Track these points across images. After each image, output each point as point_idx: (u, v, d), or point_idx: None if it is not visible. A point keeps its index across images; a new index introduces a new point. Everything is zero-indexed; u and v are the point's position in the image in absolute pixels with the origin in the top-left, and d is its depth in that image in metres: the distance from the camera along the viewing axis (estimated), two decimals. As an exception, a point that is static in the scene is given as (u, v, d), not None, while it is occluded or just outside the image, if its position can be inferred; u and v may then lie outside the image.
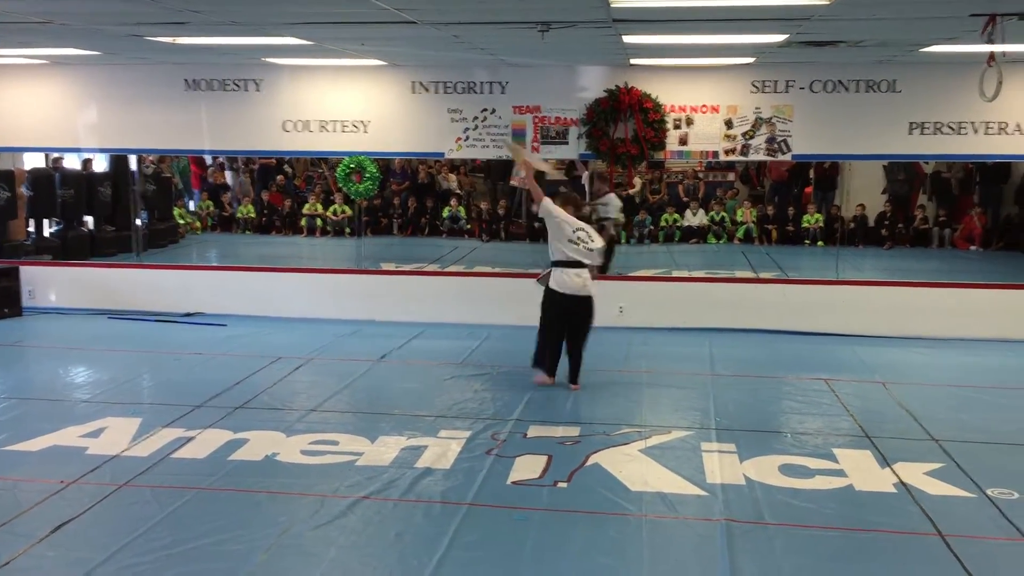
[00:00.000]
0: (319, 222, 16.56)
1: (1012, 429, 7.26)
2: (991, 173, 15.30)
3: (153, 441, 6.77)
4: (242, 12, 6.68)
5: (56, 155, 13.63)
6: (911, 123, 10.35)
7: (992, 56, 6.67)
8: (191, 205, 17.45)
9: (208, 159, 17.74)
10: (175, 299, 11.41)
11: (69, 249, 13.03)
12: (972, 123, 10.26)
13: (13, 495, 5.77)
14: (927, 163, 15.24)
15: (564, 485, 6.07)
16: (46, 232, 13.47)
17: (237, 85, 11.18)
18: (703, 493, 5.93)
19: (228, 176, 17.92)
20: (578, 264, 8.02)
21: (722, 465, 6.41)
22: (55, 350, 9.80)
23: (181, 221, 16.22)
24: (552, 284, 8.05)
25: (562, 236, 7.97)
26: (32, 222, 13.37)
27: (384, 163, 15.87)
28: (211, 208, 17.38)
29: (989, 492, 5.93)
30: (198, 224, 17.01)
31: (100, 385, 8.44)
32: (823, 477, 6.21)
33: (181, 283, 11.63)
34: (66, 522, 5.37)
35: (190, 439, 6.83)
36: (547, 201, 7.99)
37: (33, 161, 13.60)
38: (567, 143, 10.87)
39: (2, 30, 7.79)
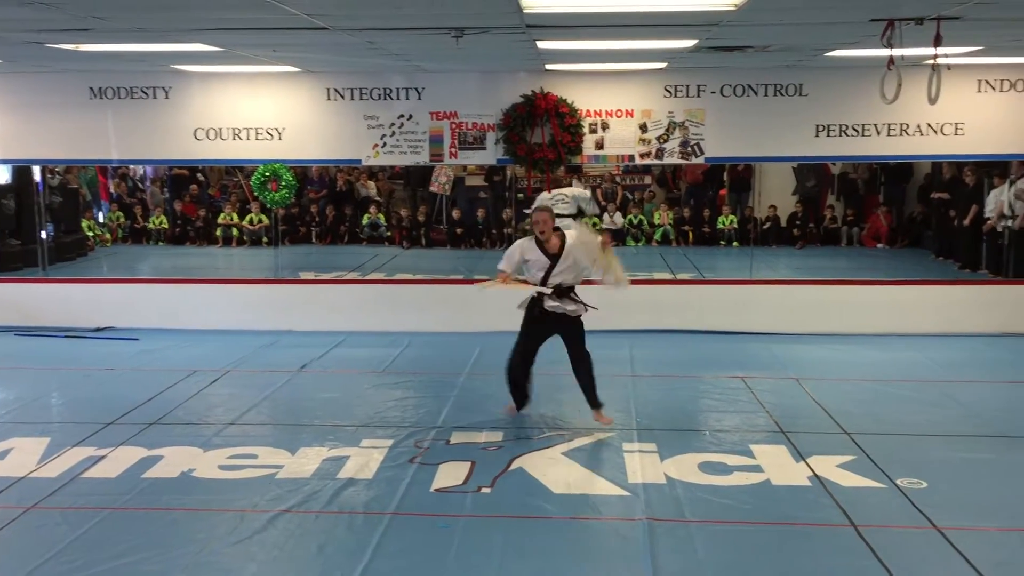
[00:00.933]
0: (235, 232, 16.24)
1: (920, 420, 7.53)
2: (895, 173, 15.84)
3: (62, 461, 6.55)
4: (148, 18, 6.51)
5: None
6: (818, 126, 10.65)
7: (892, 60, 6.90)
8: (100, 217, 16.92)
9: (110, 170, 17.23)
10: (85, 313, 11.05)
11: (-29, 264, 12.51)
12: (875, 125, 10.61)
13: (-88, 523, 5.52)
14: (835, 164, 15.70)
15: (488, 491, 6.08)
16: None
17: (145, 93, 10.90)
18: (625, 493, 6.00)
19: (125, 187, 17.35)
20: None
21: (643, 465, 6.49)
22: (-44, 370, 9.41)
23: (90, 233, 15.72)
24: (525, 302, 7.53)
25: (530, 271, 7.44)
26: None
27: (301, 171, 15.67)
28: (121, 219, 16.89)
29: (899, 482, 6.13)
30: (108, 236, 16.50)
31: (5, 404, 8.12)
32: (741, 473, 6.34)
33: (91, 297, 11.26)
34: (-30, 549, 5.16)
35: (102, 458, 6.63)
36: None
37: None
38: (484, 148, 10.89)
39: None
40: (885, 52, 6.82)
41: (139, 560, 5.03)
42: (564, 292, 7.34)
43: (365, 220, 16.36)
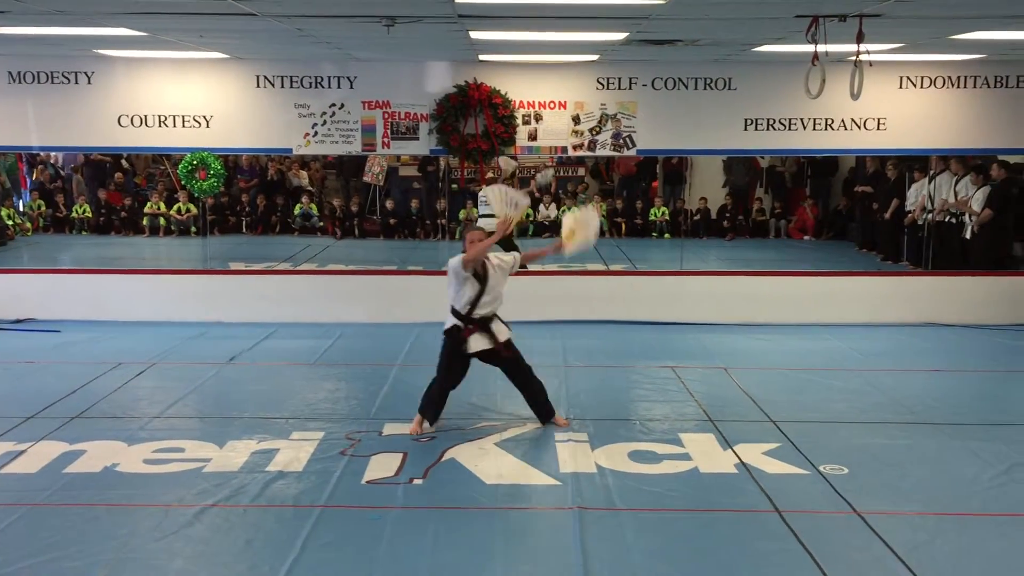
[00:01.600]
0: (162, 221, 15.90)
1: (843, 408, 7.72)
2: (820, 167, 16.23)
3: (-22, 457, 6.35)
4: (68, 1, 6.32)
5: None
6: (746, 119, 10.84)
7: (816, 56, 7.05)
8: (20, 205, 16.40)
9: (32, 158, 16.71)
10: (3, 305, 10.69)
11: None
12: (801, 119, 10.83)
13: None
14: (763, 157, 16.00)
15: (420, 482, 6.06)
16: None
17: (67, 78, 10.58)
18: (556, 483, 6.04)
19: (47, 174, 16.86)
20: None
21: (575, 454, 6.54)
22: None
23: (10, 222, 15.23)
24: (486, 345, 7.06)
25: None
26: None
27: (232, 160, 15.40)
28: (43, 208, 16.39)
29: (822, 468, 6.28)
30: (29, 225, 16.00)
31: (-82, 400, 7.84)
32: (670, 461, 6.43)
33: (9, 287, 10.89)
34: None
35: (20, 452, 6.44)
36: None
37: None
38: (417, 139, 10.84)
39: None
40: (810, 48, 6.97)
41: (59, 557, 4.90)
42: (487, 323, 7.01)
43: (297, 210, 16.17)
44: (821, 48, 6.91)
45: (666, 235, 15.76)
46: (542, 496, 5.85)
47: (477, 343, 6.97)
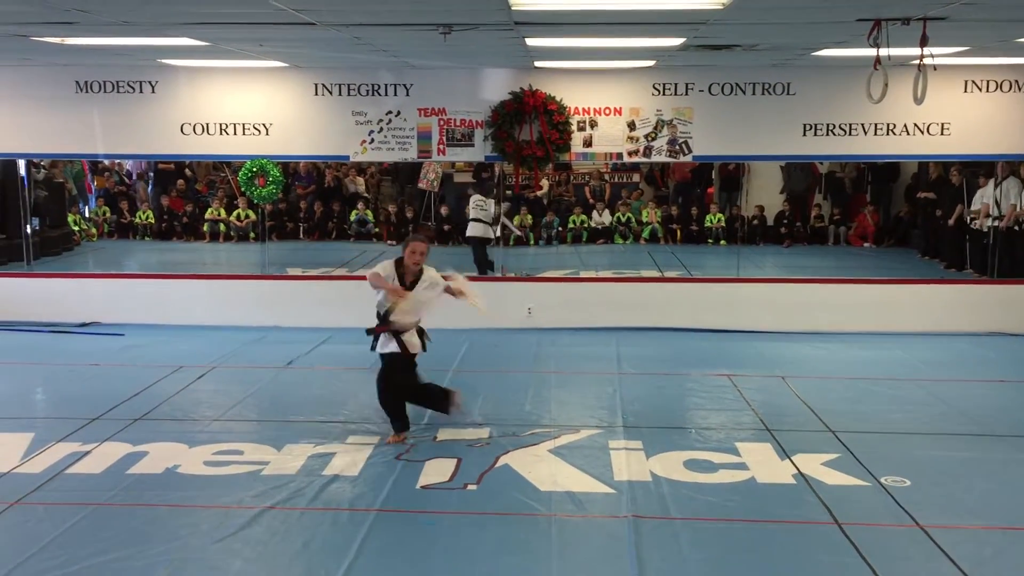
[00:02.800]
0: (222, 227, 16.18)
1: (904, 419, 7.56)
2: (881, 173, 15.91)
3: (46, 456, 6.51)
4: (133, 12, 6.47)
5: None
6: (805, 125, 10.68)
7: (878, 60, 6.92)
8: (86, 211, 16.83)
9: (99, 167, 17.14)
10: (70, 308, 11.00)
11: (-45, 258, 12.42)
12: (862, 125, 10.64)
13: None
14: (822, 163, 15.75)
15: (474, 488, 6.07)
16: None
17: (131, 87, 10.84)
18: (611, 491, 6.01)
19: (112, 181, 17.29)
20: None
21: (629, 462, 6.50)
22: (-61, 365, 9.34)
23: (76, 228, 15.63)
24: (394, 348, 6.99)
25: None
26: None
27: (291, 167, 15.62)
28: (108, 214, 16.80)
29: (883, 480, 6.16)
30: (94, 231, 16.41)
31: (-11, 400, 8.08)
32: (726, 471, 6.36)
33: (76, 292, 11.21)
34: (-49, 545, 5.13)
35: (86, 453, 6.60)
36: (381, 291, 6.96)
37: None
38: (473, 145, 10.88)
39: None
40: (872, 52, 6.84)
41: (122, 557, 5.01)
42: (400, 333, 7.04)
43: (353, 216, 16.32)
44: (884, 52, 6.78)
45: (722, 242, 15.60)
46: (596, 504, 5.82)
47: (384, 345, 7.00)
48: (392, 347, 6.99)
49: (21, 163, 12.01)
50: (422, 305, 6.99)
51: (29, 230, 12.14)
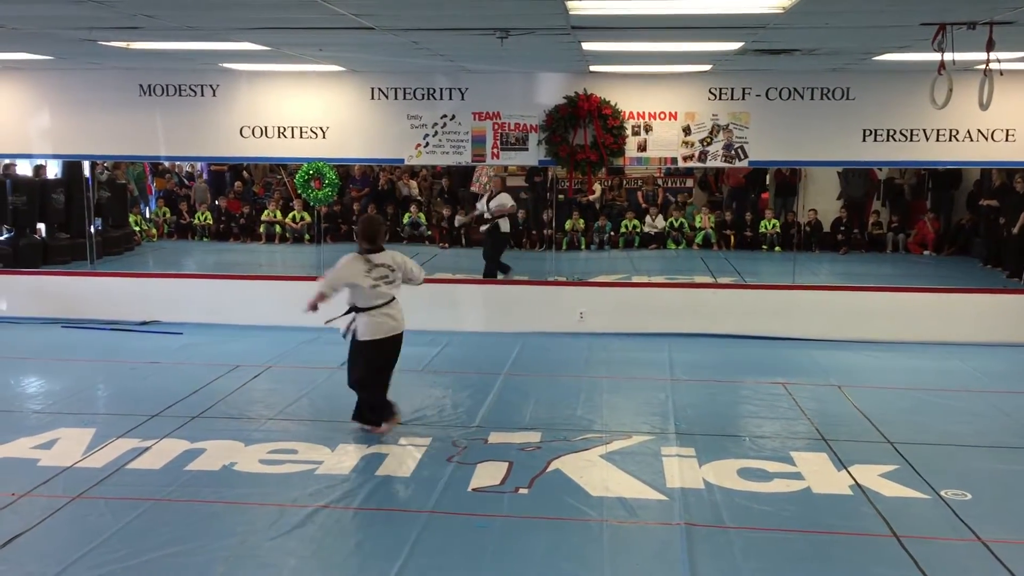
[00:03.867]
0: (278, 229, 16.41)
1: (964, 431, 7.39)
2: (943, 179, 15.59)
3: (107, 452, 6.66)
4: (197, 17, 6.60)
5: (8, 161, 13.36)
6: (864, 130, 10.51)
7: (942, 64, 6.79)
8: (147, 212, 17.19)
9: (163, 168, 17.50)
10: (131, 307, 11.24)
11: (21, 257, 12.76)
12: (924, 130, 10.44)
13: (-38, 509, 5.65)
14: (880, 169, 15.49)
15: (525, 491, 6.08)
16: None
17: (193, 90, 11.05)
18: (663, 497, 5.97)
19: (173, 183, 17.64)
20: (386, 303, 7.11)
21: (682, 469, 6.45)
22: (6, 360, 9.58)
23: (137, 228, 15.98)
24: (364, 335, 7.05)
25: (362, 293, 7.05)
26: (-19, 230, 13.09)
27: (344, 169, 15.78)
28: (168, 215, 17.15)
29: (943, 493, 6.03)
30: (154, 231, 16.76)
31: (53, 395, 8.29)
32: (781, 480, 6.28)
33: (137, 291, 11.46)
34: (17, 536, 5.27)
35: (146, 449, 6.74)
36: (326, 282, 7.11)
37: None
38: (527, 149, 10.89)
39: (-50, 34, 7.64)
40: (936, 56, 6.71)
41: (181, 552, 5.10)
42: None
43: (406, 219, 16.44)
44: (948, 56, 6.65)
45: (777, 248, 15.41)
46: (649, 511, 5.78)
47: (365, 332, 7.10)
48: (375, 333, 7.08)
49: (86, 164, 12.33)
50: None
51: (92, 230, 12.44)
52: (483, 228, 12.69)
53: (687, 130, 10.70)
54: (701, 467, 6.50)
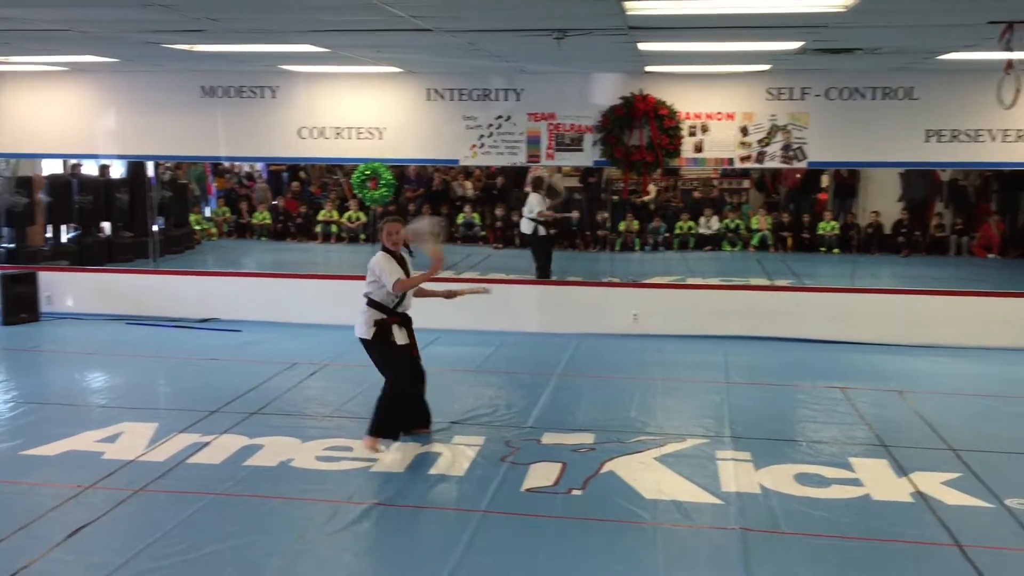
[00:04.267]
0: (334, 228, 16.61)
1: (1030, 439, 7.21)
2: (1009, 181, 15.20)
3: (169, 446, 6.81)
4: (259, 20, 6.71)
5: (75, 161, 13.72)
6: (928, 130, 10.29)
7: (1010, 63, 6.62)
8: (207, 211, 17.53)
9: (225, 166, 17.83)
10: (191, 305, 11.47)
11: (86, 255, 13.11)
12: (989, 131, 10.20)
13: (31, 499, 5.81)
14: (943, 170, 15.15)
15: (579, 493, 6.06)
16: (63, 238, 13.55)
17: (253, 92, 11.24)
18: (718, 501, 5.91)
19: (233, 183, 17.96)
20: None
21: (737, 473, 6.39)
22: (72, 355, 9.84)
23: (197, 227, 16.30)
24: (400, 338, 6.92)
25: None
26: (50, 228, 13.45)
27: (399, 170, 15.91)
28: (227, 214, 17.46)
29: (1007, 502, 5.89)
30: (214, 230, 17.08)
31: (117, 390, 8.48)
32: (839, 486, 6.18)
33: (197, 289, 11.68)
34: (83, 527, 5.41)
35: (205, 444, 6.86)
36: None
37: (51, 167, 13.69)
38: (582, 150, 10.87)
39: (23, 37, 7.86)
40: (1003, 55, 6.55)
41: (239, 546, 5.19)
42: (409, 321, 7.04)
43: (460, 219, 16.52)
44: (1016, 55, 6.48)
45: (835, 250, 15.16)
46: (704, 514, 5.73)
47: (400, 336, 6.89)
48: (404, 339, 6.93)
49: (149, 165, 12.61)
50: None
51: (156, 229, 12.72)
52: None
53: (744, 131, 10.58)
54: (757, 471, 6.42)
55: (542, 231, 12.42)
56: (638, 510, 5.77)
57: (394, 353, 6.89)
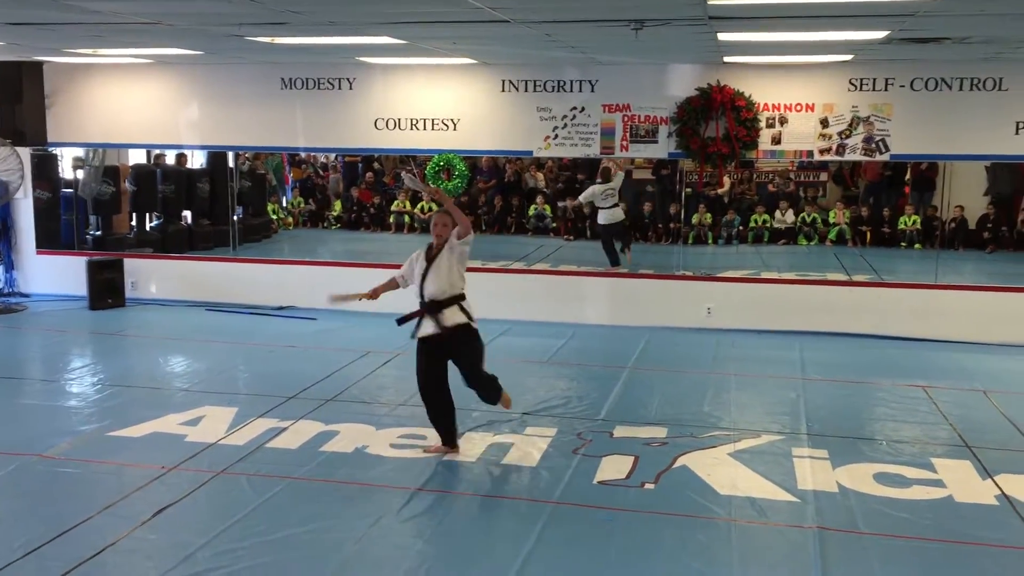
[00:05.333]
0: (407, 219, 16.76)
1: (1124, 443, 6.93)
2: (1103, 175, 14.61)
3: (248, 430, 6.97)
4: (340, 12, 6.80)
5: (158, 152, 14.09)
6: (1018, 123, 9.93)
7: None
8: (284, 201, 17.85)
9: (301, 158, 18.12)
10: (268, 293, 11.71)
11: (168, 243, 13.46)
12: (1085, 123, 9.82)
13: (117, 479, 6.01)
14: (1033, 164, 14.62)
15: (651, 486, 6.03)
16: (147, 226, 13.95)
17: (331, 84, 11.39)
18: (794, 499, 5.82)
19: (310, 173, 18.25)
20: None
21: (814, 471, 6.28)
22: (156, 340, 10.14)
23: (274, 216, 16.61)
24: (431, 330, 6.62)
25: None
26: (134, 216, 13.86)
27: (471, 161, 15.98)
28: (303, 205, 17.75)
29: (1100, 508, 5.68)
30: (290, 220, 17.39)
31: (198, 375, 8.72)
32: (920, 487, 6.03)
33: (274, 277, 11.93)
34: (167, 506, 5.57)
35: (283, 429, 7.00)
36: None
37: (136, 157, 14.09)
38: (656, 142, 10.77)
39: (112, 30, 8.10)
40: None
41: (316, 529, 5.28)
42: (438, 307, 6.53)
43: (532, 211, 16.51)
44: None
45: (916, 245, 14.75)
46: (779, 512, 5.65)
47: (425, 327, 6.58)
48: (430, 328, 6.55)
49: (230, 155, 12.89)
50: (451, 270, 6.59)
51: (235, 218, 13.00)
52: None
53: (824, 122, 10.36)
54: (835, 470, 6.31)
55: (602, 219, 12.65)
56: (712, 506, 5.71)
57: (417, 355, 6.69)
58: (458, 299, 6.59)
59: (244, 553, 4.95)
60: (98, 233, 13.05)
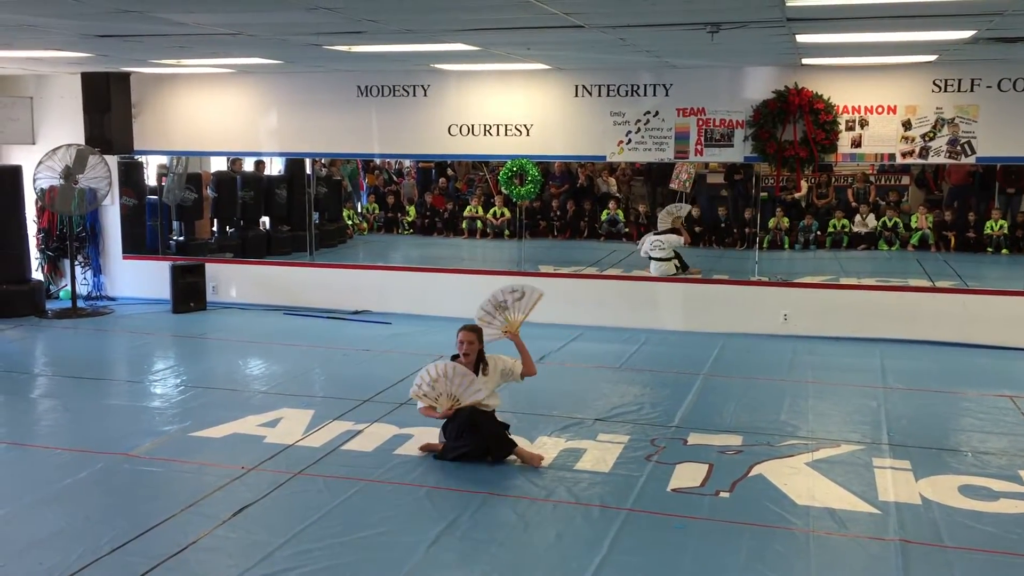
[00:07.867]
0: (479, 224, 16.84)
1: None
2: None
3: (325, 432, 7.08)
4: (415, 20, 6.88)
5: (235, 158, 14.43)
6: (1111, 123, 9.57)
7: None
8: (359, 207, 18.10)
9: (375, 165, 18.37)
10: (344, 297, 11.90)
11: (248, 248, 13.78)
12: None
13: (198, 478, 6.16)
14: None
15: (726, 495, 5.95)
16: (228, 231, 14.29)
17: (406, 91, 11.53)
18: (875, 511, 5.68)
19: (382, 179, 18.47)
20: None
21: (896, 482, 6.12)
22: (235, 343, 10.39)
23: (349, 222, 16.86)
24: None
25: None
26: (215, 222, 14.22)
27: (544, 166, 15.98)
28: (377, 210, 17.99)
29: None
30: (365, 225, 17.63)
31: (276, 377, 8.89)
32: (1009, 500, 5.83)
33: (350, 282, 12.11)
34: (246, 506, 5.69)
35: (358, 432, 7.10)
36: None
37: (217, 165, 14.46)
38: (732, 146, 10.64)
39: (196, 41, 8.33)
40: None
41: (390, 531, 5.34)
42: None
43: (604, 216, 16.44)
44: None
45: (1004, 251, 14.27)
46: (859, 523, 5.52)
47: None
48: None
49: (307, 162, 13.14)
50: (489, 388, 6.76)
51: (312, 223, 13.24)
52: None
53: (907, 124, 10.10)
54: (917, 481, 6.14)
55: (652, 271, 12.21)
56: (789, 516, 5.61)
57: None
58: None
59: (320, 554, 5.03)
60: (181, 238, 13.43)
